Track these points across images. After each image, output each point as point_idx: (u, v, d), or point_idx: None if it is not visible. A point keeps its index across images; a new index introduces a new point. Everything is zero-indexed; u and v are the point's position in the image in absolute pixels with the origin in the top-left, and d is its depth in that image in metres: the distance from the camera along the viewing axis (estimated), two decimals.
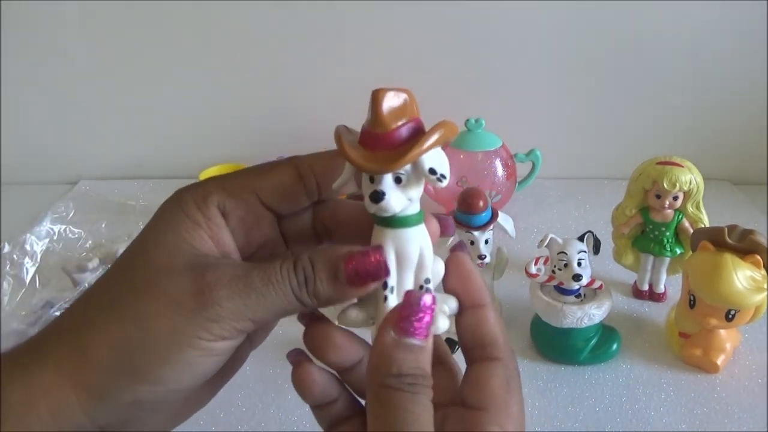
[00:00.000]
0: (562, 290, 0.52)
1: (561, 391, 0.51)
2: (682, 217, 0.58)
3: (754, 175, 0.91)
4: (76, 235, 0.76)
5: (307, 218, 0.31)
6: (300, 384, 0.28)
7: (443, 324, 0.26)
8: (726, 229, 0.49)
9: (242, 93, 0.91)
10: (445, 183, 0.25)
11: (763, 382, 0.51)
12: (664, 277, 0.62)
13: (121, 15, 0.85)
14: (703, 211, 0.58)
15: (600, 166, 0.92)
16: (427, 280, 0.27)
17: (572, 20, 0.83)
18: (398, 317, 0.24)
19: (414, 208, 0.27)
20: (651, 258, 0.61)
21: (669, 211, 0.58)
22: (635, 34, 0.83)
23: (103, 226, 0.79)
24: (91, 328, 0.24)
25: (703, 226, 0.57)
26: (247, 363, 0.57)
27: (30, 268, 0.68)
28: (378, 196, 0.25)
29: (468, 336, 0.27)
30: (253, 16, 0.85)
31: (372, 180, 0.26)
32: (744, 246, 0.48)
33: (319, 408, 0.29)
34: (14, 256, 0.69)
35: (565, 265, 0.50)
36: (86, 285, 0.63)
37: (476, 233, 0.53)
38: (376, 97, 0.26)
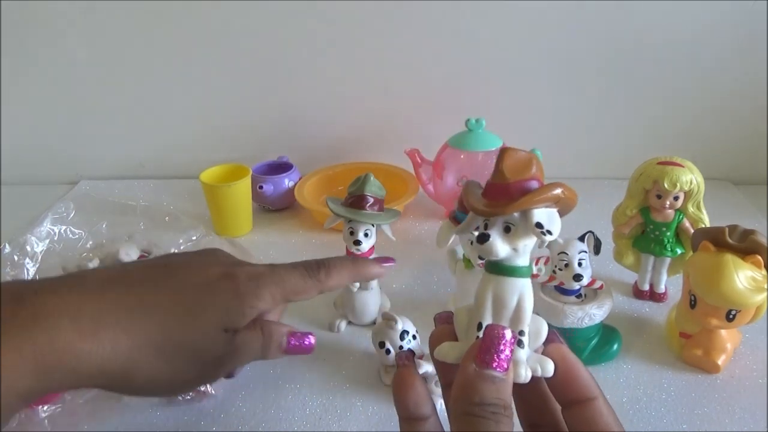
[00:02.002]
0: (562, 290, 0.52)
1: None
2: (682, 218, 0.58)
3: (755, 175, 0.91)
4: (77, 236, 0.76)
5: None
6: (400, 385, 0.29)
7: (526, 374, 0.27)
8: (727, 229, 0.49)
9: (242, 93, 0.91)
10: (550, 239, 0.28)
11: (763, 382, 0.51)
12: (664, 277, 0.62)
13: (121, 15, 0.85)
14: (704, 211, 0.58)
15: (600, 166, 0.92)
16: (522, 332, 0.28)
17: (573, 20, 0.83)
18: (479, 350, 0.26)
19: (521, 261, 0.29)
20: (651, 258, 0.61)
21: (670, 211, 0.58)
22: (636, 35, 0.84)
23: (104, 226, 0.78)
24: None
25: (703, 226, 0.57)
26: (248, 363, 0.57)
27: (31, 269, 0.68)
28: (483, 237, 0.28)
29: (582, 429, 0.28)
30: (253, 17, 0.85)
31: (486, 226, 0.28)
32: (745, 246, 0.48)
33: (408, 421, 0.29)
34: (15, 256, 0.69)
35: (566, 266, 0.50)
36: None
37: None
38: (502, 153, 0.29)
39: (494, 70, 0.88)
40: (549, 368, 0.28)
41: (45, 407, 0.48)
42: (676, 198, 0.57)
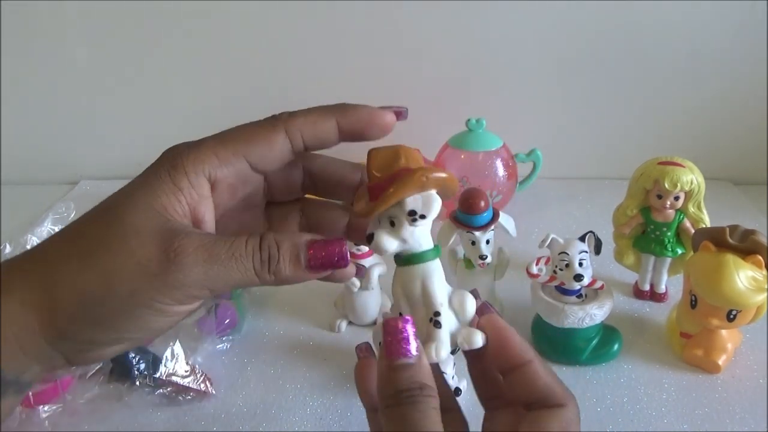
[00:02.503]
0: (563, 290, 0.52)
1: None
2: (683, 218, 0.58)
3: (756, 175, 0.91)
4: None
5: (296, 174, 0.32)
6: (361, 376, 0.29)
7: (443, 353, 0.28)
8: (727, 230, 0.49)
9: (242, 93, 0.91)
10: (423, 222, 0.28)
11: (764, 382, 0.51)
12: (665, 277, 0.62)
13: (121, 15, 0.85)
14: (705, 212, 0.58)
15: (601, 166, 0.92)
16: (437, 314, 0.28)
17: (573, 20, 0.83)
18: (384, 346, 0.26)
19: (419, 247, 0.28)
20: (652, 258, 0.61)
21: (670, 211, 0.58)
22: (636, 35, 0.83)
23: None
24: (58, 270, 0.26)
25: (704, 226, 0.57)
26: (248, 363, 0.57)
27: None
28: (369, 238, 0.28)
29: (523, 393, 0.28)
30: (253, 17, 0.85)
31: (393, 223, 0.28)
32: (745, 246, 0.48)
33: (374, 411, 0.29)
34: None
35: (567, 266, 0.50)
36: None
37: (477, 233, 0.53)
38: (369, 155, 0.29)
39: (494, 70, 0.88)
40: (475, 340, 0.28)
41: (45, 407, 0.47)
42: (676, 198, 0.57)
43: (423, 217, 0.27)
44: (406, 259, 0.29)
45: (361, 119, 0.30)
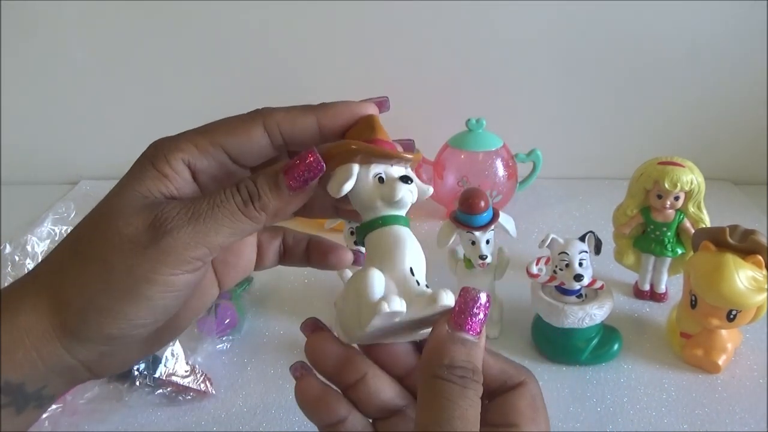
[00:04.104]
0: (563, 290, 0.52)
1: (562, 391, 0.51)
2: (683, 218, 0.58)
3: (756, 175, 0.91)
4: None
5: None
6: (303, 401, 0.28)
7: (399, 305, 0.25)
8: (727, 230, 0.49)
9: (243, 93, 0.91)
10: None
11: (764, 382, 0.51)
12: (665, 277, 0.62)
13: (121, 15, 0.85)
14: (705, 212, 0.58)
15: (601, 166, 0.92)
16: (411, 270, 0.28)
17: (573, 20, 0.83)
18: (454, 311, 0.25)
19: (400, 211, 0.29)
20: (652, 258, 0.61)
21: (670, 211, 0.58)
22: (636, 35, 0.83)
23: None
24: (62, 272, 0.26)
25: (704, 226, 0.57)
26: (249, 363, 0.57)
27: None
28: (407, 179, 0.28)
29: (483, 385, 0.27)
30: (253, 18, 0.85)
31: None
32: (745, 246, 0.48)
33: (327, 429, 0.28)
34: (15, 257, 0.69)
35: (567, 266, 0.50)
36: None
37: (477, 233, 0.53)
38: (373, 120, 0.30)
39: (494, 70, 0.88)
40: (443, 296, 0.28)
41: None
42: (676, 198, 0.57)
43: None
44: (391, 220, 0.28)
45: (341, 114, 0.30)
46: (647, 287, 0.63)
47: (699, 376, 0.52)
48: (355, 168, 0.27)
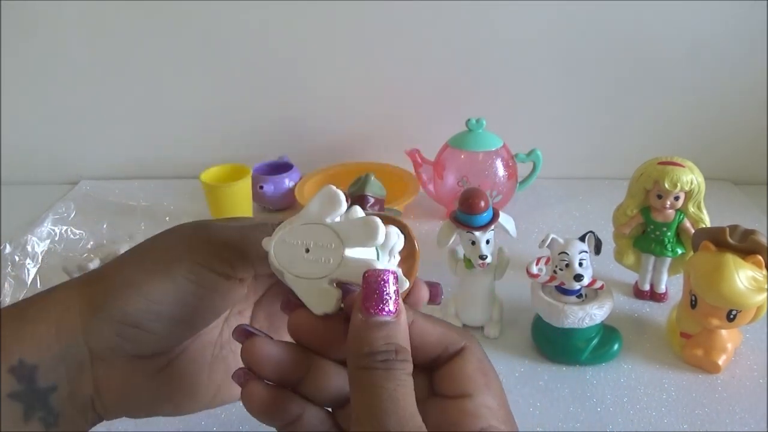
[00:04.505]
0: (563, 290, 0.52)
1: (562, 391, 0.51)
2: (683, 218, 0.58)
3: (756, 175, 0.91)
4: (78, 236, 0.76)
5: None
6: (253, 407, 0.27)
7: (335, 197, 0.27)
8: (727, 230, 0.49)
9: (243, 93, 0.91)
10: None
11: (764, 382, 0.51)
12: (665, 277, 0.62)
13: (121, 15, 0.85)
14: (705, 211, 0.58)
15: (601, 166, 0.92)
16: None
17: (573, 20, 0.83)
18: (362, 298, 0.25)
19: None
20: (652, 258, 0.61)
21: (670, 211, 0.58)
22: (636, 35, 0.83)
23: (104, 226, 0.79)
24: (110, 268, 0.29)
25: (704, 226, 0.57)
26: None
27: (31, 269, 0.68)
28: None
29: (421, 354, 0.26)
30: (253, 18, 0.85)
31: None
32: (745, 246, 0.48)
33: (288, 427, 0.27)
34: (15, 257, 0.69)
35: (567, 266, 0.50)
36: None
37: (477, 233, 0.53)
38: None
39: (494, 70, 0.88)
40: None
41: None
42: (676, 198, 0.57)
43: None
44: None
45: None
46: (647, 287, 0.63)
47: (699, 376, 0.52)
48: None
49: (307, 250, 0.26)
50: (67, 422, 0.27)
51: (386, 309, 0.24)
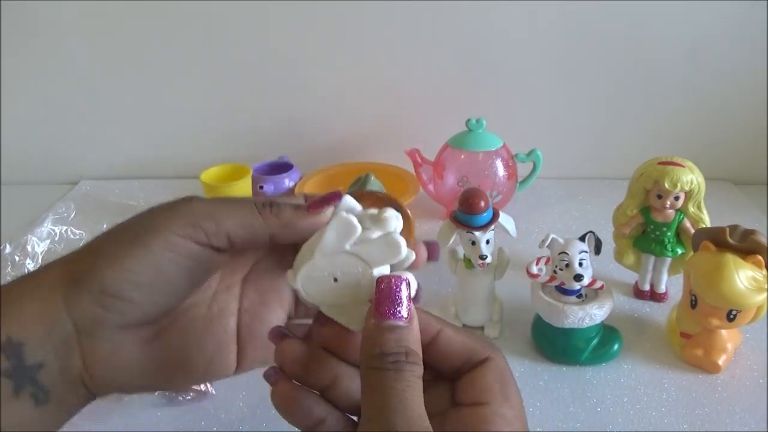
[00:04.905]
0: (563, 290, 0.52)
1: (562, 391, 0.51)
2: (683, 218, 0.58)
3: (756, 175, 0.91)
4: (78, 236, 0.76)
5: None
6: (281, 407, 0.29)
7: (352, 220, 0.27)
8: (727, 230, 0.49)
9: (243, 93, 0.91)
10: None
11: (764, 382, 0.51)
12: (665, 277, 0.62)
13: (121, 15, 0.85)
14: (705, 211, 0.58)
15: (601, 166, 0.92)
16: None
17: (573, 21, 0.83)
18: (376, 303, 0.26)
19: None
20: (652, 258, 0.61)
21: (670, 211, 0.58)
22: (636, 35, 0.84)
23: (105, 226, 0.78)
24: (93, 244, 0.30)
25: (704, 226, 0.57)
26: None
27: (31, 269, 0.68)
28: None
29: (445, 362, 0.28)
30: (253, 18, 0.85)
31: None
32: (745, 246, 0.48)
33: (311, 428, 0.28)
34: (15, 257, 0.69)
35: (567, 266, 0.50)
36: None
37: (477, 233, 0.53)
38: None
39: (494, 70, 0.88)
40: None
41: None
42: (676, 198, 0.57)
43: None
44: None
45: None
46: (647, 287, 0.63)
47: (699, 376, 0.52)
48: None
49: (335, 279, 0.27)
50: (58, 399, 0.28)
51: (399, 313, 0.25)
